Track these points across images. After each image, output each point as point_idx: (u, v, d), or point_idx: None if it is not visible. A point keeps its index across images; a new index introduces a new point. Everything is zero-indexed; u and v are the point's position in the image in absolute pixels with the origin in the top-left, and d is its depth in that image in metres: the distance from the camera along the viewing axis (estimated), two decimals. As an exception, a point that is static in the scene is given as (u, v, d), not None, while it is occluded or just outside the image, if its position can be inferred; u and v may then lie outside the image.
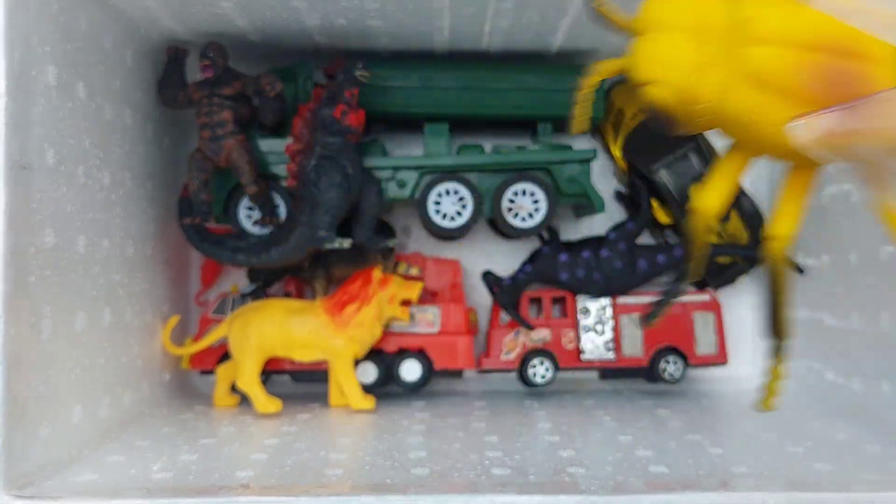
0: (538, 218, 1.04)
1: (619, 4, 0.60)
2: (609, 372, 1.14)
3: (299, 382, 1.13)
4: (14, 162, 0.66)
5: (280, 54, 1.07)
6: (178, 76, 1.01)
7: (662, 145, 1.12)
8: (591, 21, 0.63)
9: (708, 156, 1.12)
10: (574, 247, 1.11)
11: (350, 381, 1.00)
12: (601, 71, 0.62)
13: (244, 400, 1.04)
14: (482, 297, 1.18)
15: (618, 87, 1.18)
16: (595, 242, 1.11)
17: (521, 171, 1.04)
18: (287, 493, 0.64)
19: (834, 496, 0.64)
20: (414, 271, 1.12)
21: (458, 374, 1.11)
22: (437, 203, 1.04)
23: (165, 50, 1.01)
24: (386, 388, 1.11)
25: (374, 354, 1.08)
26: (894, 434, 0.83)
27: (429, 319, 1.10)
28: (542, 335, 1.12)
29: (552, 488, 0.66)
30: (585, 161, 1.05)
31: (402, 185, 1.04)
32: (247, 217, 1.04)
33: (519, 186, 1.04)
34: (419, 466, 0.73)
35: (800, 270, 1.08)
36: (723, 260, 1.13)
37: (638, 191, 1.13)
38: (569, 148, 1.07)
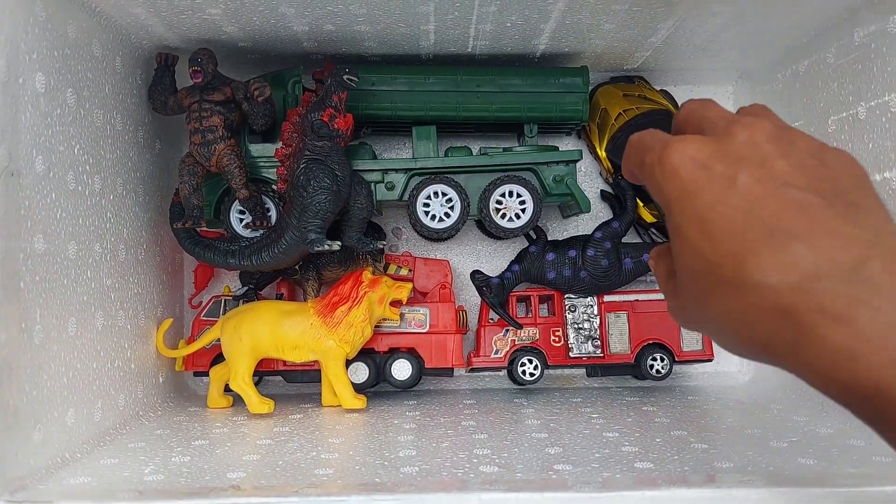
0: (525, 218, 1.05)
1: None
2: (596, 369, 1.15)
3: (292, 383, 1.14)
4: (2, 168, 0.66)
5: (269, 60, 1.08)
6: (169, 82, 1.01)
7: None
8: None
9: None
10: (561, 246, 1.12)
11: (342, 382, 1.01)
12: None
13: (238, 401, 1.05)
14: (472, 297, 1.19)
15: (602, 89, 1.19)
16: (581, 241, 1.12)
17: (508, 173, 1.05)
18: (277, 493, 0.64)
19: (818, 490, 0.64)
20: (404, 272, 1.13)
21: (448, 372, 1.12)
22: (426, 205, 1.05)
23: (155, 56, 1.02)
24: (377, 388, 1.12)
25: (366, 354, 1.08)
26: (876, 428, 0.84)
27: (419, 319, 1.10)
28: (530, 333, 1.13)
29: (539, 485, 0.66)
30: (571, 162, 1.06)
31: (391, 187, 1.05)
32: (238, 220, 1.05)
33: (506, 188, 1.05)
34: (408, 465, 0.73)
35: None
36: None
37: (623, 190, 1.14)
38: (555, 149, 1.07)
